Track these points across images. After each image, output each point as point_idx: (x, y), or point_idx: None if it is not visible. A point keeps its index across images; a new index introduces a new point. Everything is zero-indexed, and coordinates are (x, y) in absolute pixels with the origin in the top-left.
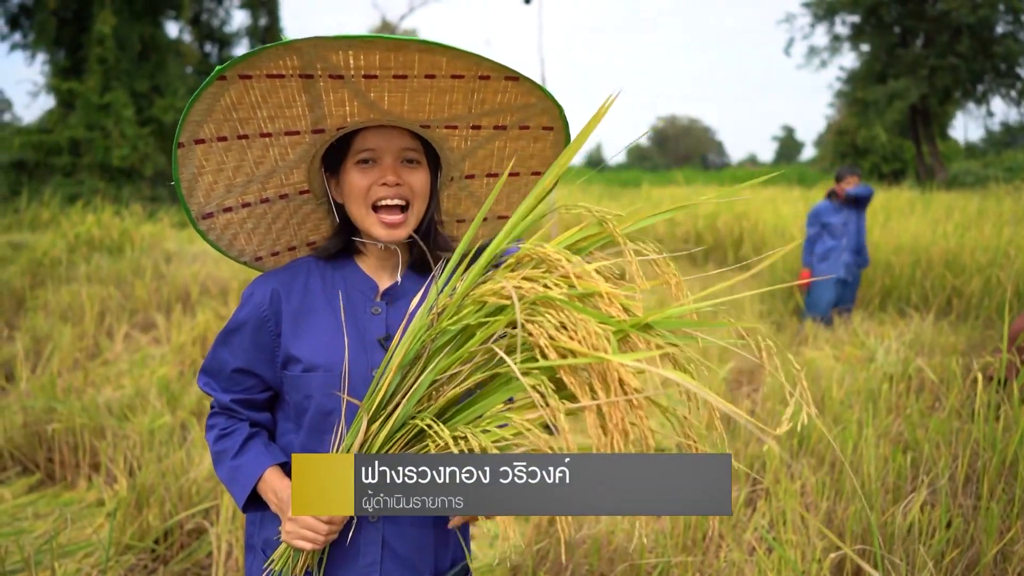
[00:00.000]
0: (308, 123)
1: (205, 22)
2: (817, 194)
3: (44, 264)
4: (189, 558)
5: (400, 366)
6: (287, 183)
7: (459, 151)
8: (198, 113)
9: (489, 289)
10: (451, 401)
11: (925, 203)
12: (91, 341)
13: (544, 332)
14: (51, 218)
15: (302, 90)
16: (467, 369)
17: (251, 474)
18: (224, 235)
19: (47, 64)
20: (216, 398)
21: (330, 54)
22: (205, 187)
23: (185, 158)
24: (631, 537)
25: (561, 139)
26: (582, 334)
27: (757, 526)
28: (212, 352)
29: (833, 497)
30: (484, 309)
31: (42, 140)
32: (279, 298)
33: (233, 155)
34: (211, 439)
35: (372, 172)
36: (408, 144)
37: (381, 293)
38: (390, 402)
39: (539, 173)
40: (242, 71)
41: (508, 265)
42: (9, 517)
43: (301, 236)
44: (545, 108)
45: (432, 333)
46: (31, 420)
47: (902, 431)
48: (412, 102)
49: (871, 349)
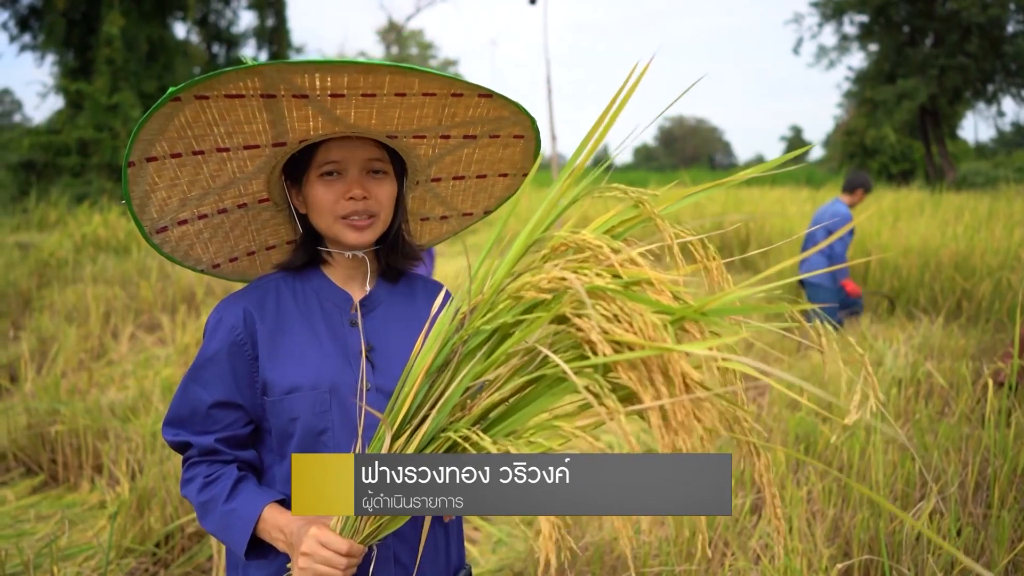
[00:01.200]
0: (269, 137)
1: (212, 23)
2: (824, 195)
3: (51, 264)
4: (190, 562)
5: (428, 373)
6: (245, 193)
7: (426, 158)
8: (149, 132)
9: (527, 282)
10: (487, 409)
11: (934, 204)
12: (96, 341)
13: (595, 326)
14: (58, 218)
15: (263, 108)
16: (505, 372)
17: (248, 516)
18: (180, 246)
19: (56, 65)
20: (195, 444)
21: (294, 77)
22: (158, 202)
23: (136, 176)
24: (634, 545)
25: (532, 146)
26: (639, 325)
27: (762, 533)
28: (180, 397)
29: (840, 504)
30: (520, 305)
31: (51, 141)
32: (252, 319)
33: (188, 170)
34: (193, 491)
35: (337, 185)
36: (374, 155)
37: (356, 304)
38: (416, 414)
39: (506, 175)
40: (198, 92)
41: (543, 255)
42: (11, 519)
43: (260, 241)
44: (517, 120)
45: (463, 335)
46: (35, 421)
47: (910, 436)
48: (380, 116)
49: (879, 352)
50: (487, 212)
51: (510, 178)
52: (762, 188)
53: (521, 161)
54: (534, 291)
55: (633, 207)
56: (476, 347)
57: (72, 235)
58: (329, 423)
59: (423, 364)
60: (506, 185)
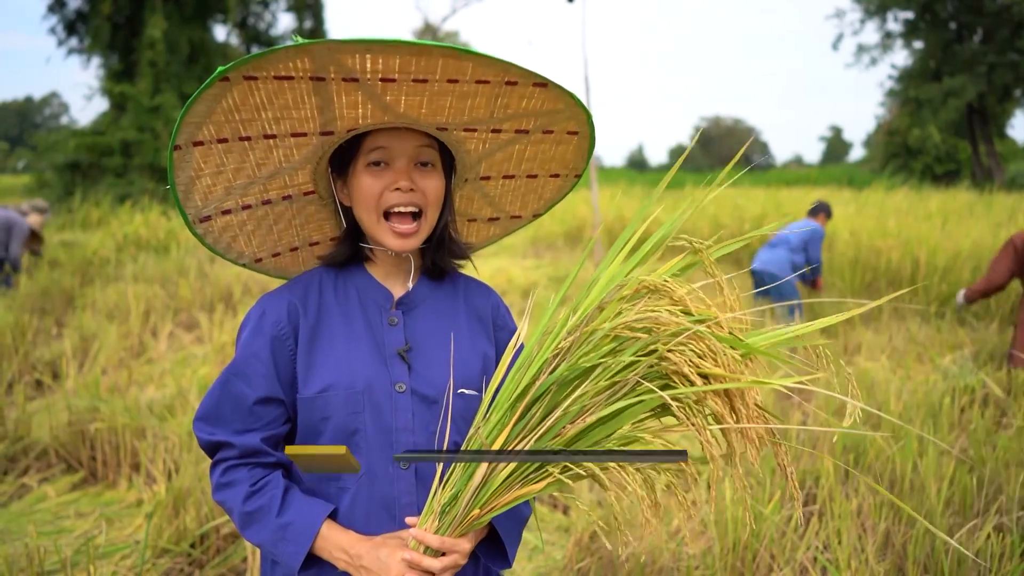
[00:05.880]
0: (316, 125)
1: (252, 25)
2: (866, 196)
3: (93, 263)
4: (224, 563)
5: (527, 402)
6: (291, 184)
7: (476, 153)
8: (197, 115)
9: (622, 323)
10: (580, 432)
11: (985, 205)
12: (136, 340)
13: (686, 360)
14: (101, 218)
15: (312, 92)
16: (600, 401)
17: (307, 532)
18: (222, 238)
19: (101, 68)
20: (236, 443)
21: (345, 57)
22: (203, 190)
23: (181, 161)
24: (676, 556)
25: (585, 144)
26: (723, 361)
27: (810, 546)
28: (218, 392)
29: (892, 518)
30: (614, 341)
31: (95, 142)
32: (297, 314)
33: (234, 157)
34: (236, 498)
35: (384, 176)
36: (423, 144)
37: (396, 302)
38: (519, 442)
39: (558, 175)
40: (248, 72)
41: (623, 297)
42: (52, 515)
43: (303, 236)
44: (572, 114)
45: (564, 373)
46: (76, 419)
47: (966, 448)
48: (431, 105)
49: (932, 359)
50: (536, 215)
51: (561, 179)
52: (804, 190)
53: (574, 160)
54: (628, 331)
55: (693, 253)
56: (573, 379)
57: (114, 234)
58: (361, 424)
59: (512, 393)
60: (557, 186)
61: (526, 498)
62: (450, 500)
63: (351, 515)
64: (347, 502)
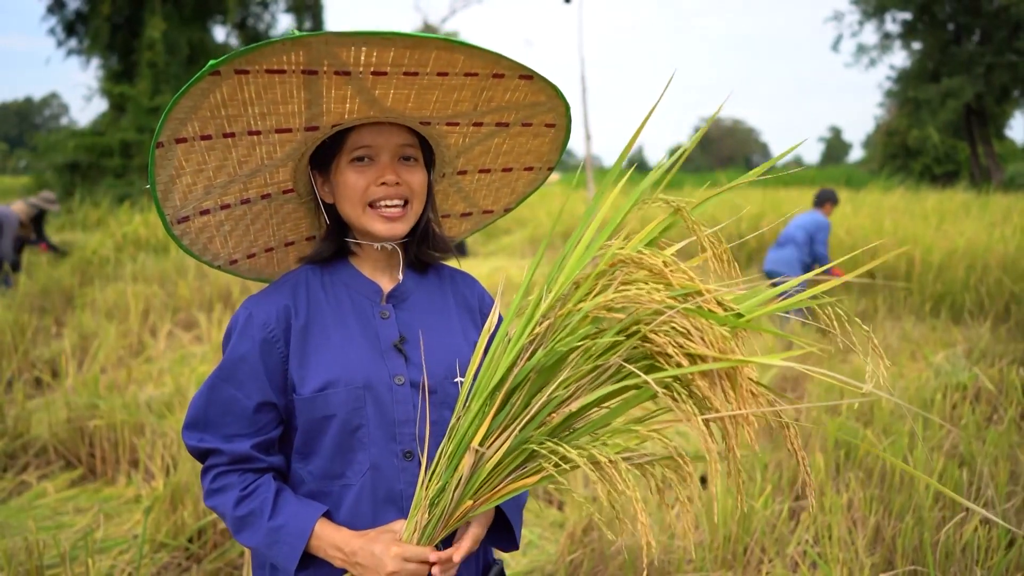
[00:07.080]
0: (302, 120)
1: (251, 26)
2: (864, 196)
3: (93, 263)
4: (222, 557)
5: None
6: (271, 182)
7: (456, 148)
8: (182, 110)
9: (600, 303)
10: (566, 419)
11: (981, 205)
12: (135, 339)
13: (669, 340)
14: (101, 218)
15: (302, 86)
16: (584, 386)
17: (300, 533)
18: (199, 239)
19: (101, 68)
20: (225, 450)
21: (340, 51)
22: (182, 189)
23: (163, 159)
24: (668, 549)
25: (562, 136)
26: (710, 338)
27: (800, 540)
28: (206, 398)
29: (882, 512)
30: (592, 323)
31: (95, 142)
32: (288, 315)
33: (216, 154)
34: (227, 503)
35: (369, 171)
36: (406, 141)
37: (386, 295)
38: (501, 432)
39: (531, 168)
40: (240, 66)
41: (599, 271)
42: (51, 511)
43: (279, 236)
44: (552, 106)
45: (542, 359)
46: (75, 416)
47: (957, 443)
48: (418, 99)
49: (925, 357)
50: (507, 210)
51: (534, 172)
52: (801, 189)
53: (548, 152)
54: (606, 311)
55: (672, 214)
56: (552, 364)
57: (113, 234)
58: (364, 419)
59: (490, 382)
60: (530, 180)
61: (521, 491)
62: (438, 492)
63: (357, 511)
64: (353, 498)
